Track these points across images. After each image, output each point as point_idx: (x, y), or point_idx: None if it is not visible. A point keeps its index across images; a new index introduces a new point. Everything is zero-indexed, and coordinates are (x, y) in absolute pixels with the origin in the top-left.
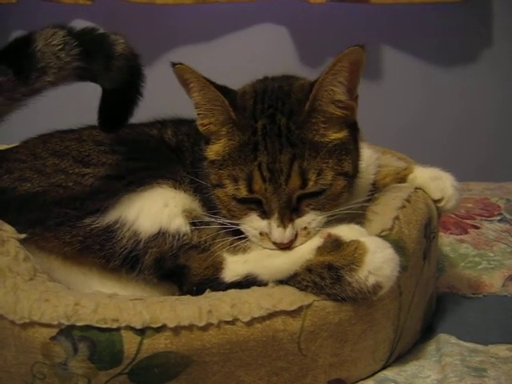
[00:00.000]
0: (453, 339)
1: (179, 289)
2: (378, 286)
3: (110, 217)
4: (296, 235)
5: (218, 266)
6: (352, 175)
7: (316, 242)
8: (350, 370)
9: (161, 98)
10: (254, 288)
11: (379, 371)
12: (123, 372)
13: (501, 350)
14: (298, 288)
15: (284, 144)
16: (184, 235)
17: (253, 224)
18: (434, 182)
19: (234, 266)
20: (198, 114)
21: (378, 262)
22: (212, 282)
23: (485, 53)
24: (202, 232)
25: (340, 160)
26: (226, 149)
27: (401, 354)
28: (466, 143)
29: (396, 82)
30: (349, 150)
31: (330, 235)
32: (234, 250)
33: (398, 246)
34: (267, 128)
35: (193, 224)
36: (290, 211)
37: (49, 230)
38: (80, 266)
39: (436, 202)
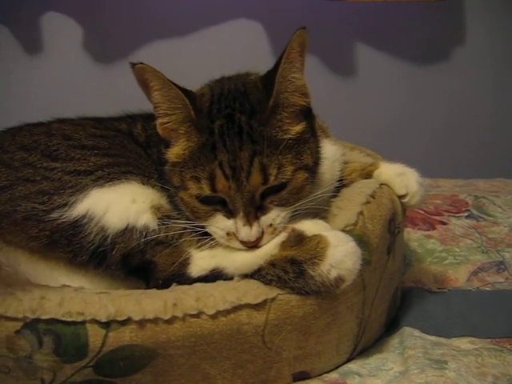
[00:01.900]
0: (416, 332)
1: (146, 284)
2: (340, 280)
3: (78, 212)
4: (262, 233)
5: (185, 262)
6: (312, 167)
7: (280, 236)
8: (314, 362)
9: (137, 92)
10: (220, 282)
11: (343, 364)
12: (88, 365)
13: (463, 342)
14: (262, 282)
15: (244, 141)
16: (151, 231)
17: (219, 225)
18: (399, 177)
19: (201, 262)
20: (158, 114)
21: (340, 255)
22: (179, 277)
23: (458, 51)
24: (169, 228)
25: (299, 153)
26: (185, 151)
27: (365, 347)
28: (438, 140)
29: (370, 80)
30: (307, 140)
31: (293, 230)
32: (201, 246)
33: (362, 241)
34: (224, 127)
35: (160, 220)
36: (254, 209)
37: (15, 224)
38: (47, 261)
39: (401, 197)
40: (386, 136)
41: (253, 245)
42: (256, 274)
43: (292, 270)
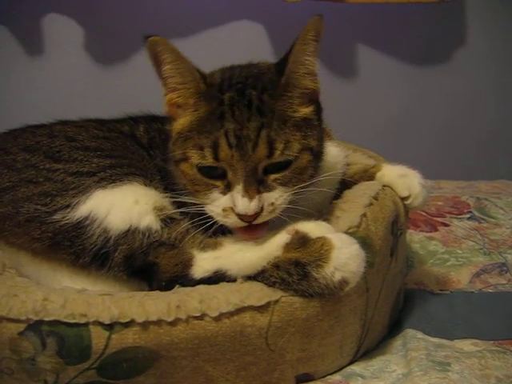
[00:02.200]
0: (419, 334)
1: (149, 286)
2: (344, 282)
3: (81, 213)
4: (261, 209)
5: (187, 263)
6: (316, 152)
7: (283, 238)
8: (318, 364)
9: (138, 93)
10: (223, 284)
11: (346, 366)
12: (91, 367)
13: (466, 344)
14: (266, 284)
15: (253, 113)
16: (154, 232)
17: (216, 202)
18: (402, 179)
19: (204, 263)
20: (168, 88)
21: (344, 258)
22: (181, 278)
23: (459, 52)
24: (171, 229)
25: (306, 134)
26: (192, 121)
27: (368, 349)
28: (439, 142)
29: (371, 81)
30: (314, 126)
31: (297, 232)
32: (204, 247)
33: (365, 243)
34: (235, 99)
35: (163, 221)
36: (256, 183)
37: (18, 226)
38: (50, 262)
39: (403, 199)
40: (388, 137)
41: (250, 219)
42: (259, 276)
43: (296, 272)
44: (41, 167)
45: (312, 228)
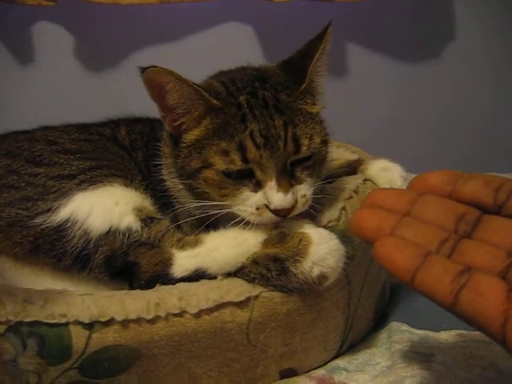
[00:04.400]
0: (404, 327)
1: (130, 286)
2: (323, 277)
3: (61, 216)
4: (296, 202)
5: (167, 263)
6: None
7: (262, 234)
8: (301, 359)
9: (128, 100)
10: (203, 281)
11: (331, 360)
12: (73, 367)
13: (451, 336)
14: (246, 280)
15: (273, 112)
16: (134, 232)
17: (248, 201)
18: (383, 172)
19: (183, 262)
20: (174, 114)
21: (323, 253)
22: (162, 277)
23: (449, 47)
24: (151, 229)
25: (322, 128)
26: (208, 129)
27: (353, 343)
28: (431, 138)
29: (361, 79)
30: (322, 121)
31: (275, 227)
32: (183, 245)
33: (345, 236)
34: (250, 101)
35: (143, 221)
36: (288, 177)
37: (0, 231)
38: (31, 266)
39: None
40: (379, 135)
41: (286, 213)
42: (239, 273)
43: (274, 267)
44: (22, 172)
45: (290, 223)
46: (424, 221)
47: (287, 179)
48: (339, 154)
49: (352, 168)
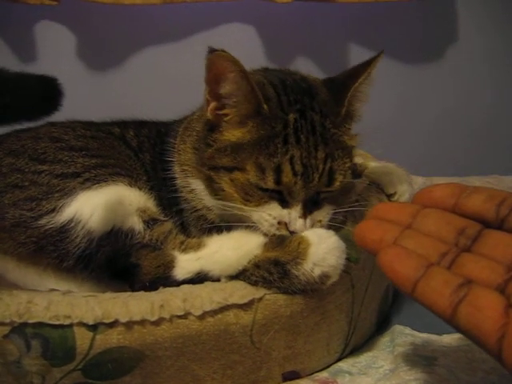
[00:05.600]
0: (407, 330)
1: (130, 287)
2: (324, 276)
3: (65, 217)
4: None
5: (169, 265)
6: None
7: (262, 237)
8: (305, 362)
9: (130, 100)
10: (207, 283)
11: (334, 363)
12: (77, 368)
13: (454, 339)
14: (249, 283)
15: (319, 141)
16: (137, 234)
17: (273, 212)
18: (387, 176)
19: (186, 264)
20: (221, 103)
21: (322, 253)
22: (164, 280)
23: (451, 48)
24: (153, 231)
25: (353, 160)
26: (252, 136)
27: (356, 346)
28: (432, 139)
29: None
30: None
31: None
32: (186, 248)
33: (349, 240)
34: (299, 123)
35: (145, 223)
36: (311, 204)
37: (4, 231)
38: (35, 267)
39: (389, 196)
40: (380, 135)
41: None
42: (241, 276)
43: (276, 270)
44: (26, 170)
45: None
46: (425, 233)
47: (310, 206)
48: None
49: (356, 172)
